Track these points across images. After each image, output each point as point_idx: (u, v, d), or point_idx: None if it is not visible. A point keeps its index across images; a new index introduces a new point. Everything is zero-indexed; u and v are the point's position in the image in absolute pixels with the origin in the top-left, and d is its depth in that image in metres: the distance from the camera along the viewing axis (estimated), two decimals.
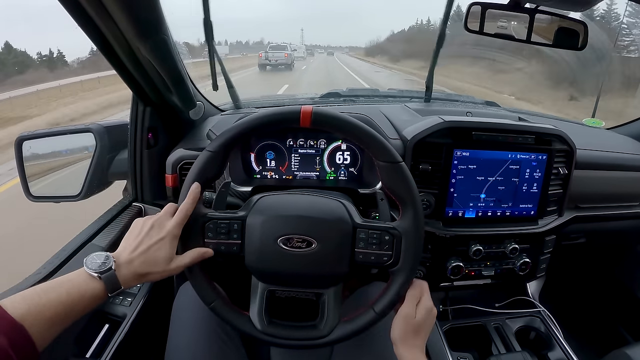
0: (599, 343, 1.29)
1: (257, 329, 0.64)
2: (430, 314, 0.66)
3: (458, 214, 0.95)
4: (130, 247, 0.57)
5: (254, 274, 0.66)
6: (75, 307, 0.49)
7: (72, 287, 0.50)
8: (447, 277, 0.99)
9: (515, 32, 0.90)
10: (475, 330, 1.05)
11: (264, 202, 0.65)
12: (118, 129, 0.97)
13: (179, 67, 0.80)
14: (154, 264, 0.57)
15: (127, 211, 0.96)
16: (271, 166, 0.98)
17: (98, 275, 0.52)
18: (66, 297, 0.48)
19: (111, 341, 0.77)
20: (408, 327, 0.63)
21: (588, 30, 0.86)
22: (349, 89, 1.45)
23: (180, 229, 0.60)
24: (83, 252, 0.80)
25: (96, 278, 0.52)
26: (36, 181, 0.94)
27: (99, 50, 0.71)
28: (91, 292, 0.51)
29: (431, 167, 0.90)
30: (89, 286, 0.51)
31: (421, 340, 0.65)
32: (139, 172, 0.96)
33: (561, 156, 0.97)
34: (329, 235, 0.62)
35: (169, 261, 0.58)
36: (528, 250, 1.02)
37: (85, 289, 0.51)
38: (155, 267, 0.57)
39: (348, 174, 1.00)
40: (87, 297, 0.51)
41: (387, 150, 0.62)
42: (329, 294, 0.65)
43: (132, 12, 0.61)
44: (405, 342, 0.63)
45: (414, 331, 0.64)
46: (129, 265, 0.56)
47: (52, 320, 0.46)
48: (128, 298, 0.84)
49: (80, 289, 0.50)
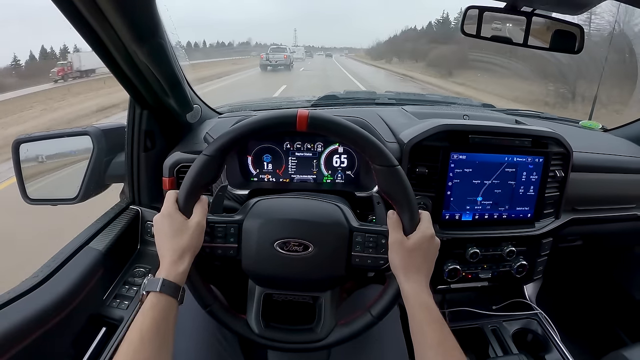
0: (596, 345, 1.29)
1: (254, 332, 0.64)
2: (431, 242, 0.62)
3: (455, 217, 0.95)
4: (164, 254, 0.60)
5: (251, 278, 0.66)
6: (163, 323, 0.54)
7: (153, 312, 0.54)
8: (444, 280, 0.99)
9: (512, 35, 0.91)
10: (473, 332, 1.06)
11: (261, 206, 0.65)
12: (115, 132, 0.97)
13: (175, 70, 0.80)
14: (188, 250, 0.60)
15: (124, 214, 0.96)
16: (268, 169, 0.99)
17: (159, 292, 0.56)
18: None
19: (108, 345, 0.77)
20: (404, 253, 0.60)
21: (584, 33, 0.86)
22: (347, 91, 1.46)
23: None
24: (80, 255, 0.80)
25: (158, 293, 0.55)
26: (33, 184, 0.94)
27: (96, 54, 0.71)
28: (164, 304, 0.55)
29: (428, 170, 0.90)
30: (161, 303, 0.55)
31: (424, 273, 0.61)
32: (136, 175, 0.96)
33: (558, 159, 0.97)
34: (326, 239, 0.62)
35: (196, 231, 0.61)
36: (525, 252, 1.02)
37: (160, 307, 0.55)
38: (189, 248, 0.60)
39: (345, 177, 1.00)
40: (165, 311, 0.55)
41: (383, 154, 0.63)
42: (325, 297, 0.65)
43: (128, 16, 0.61)
44: (406, 273, 0.60)
45: (413, 260, 0.60)
46: (174, 268, 0.58)
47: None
48: (125, 301, 0.84)
49: (157, 310, 0.55)
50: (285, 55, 20.71)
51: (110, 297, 0.85)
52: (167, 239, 0.59)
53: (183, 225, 0.60)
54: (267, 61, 20.42)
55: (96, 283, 0.79)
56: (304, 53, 37.21)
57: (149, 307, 0.54)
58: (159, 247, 0.61)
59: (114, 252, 0.86)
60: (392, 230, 0.62)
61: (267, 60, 20.45)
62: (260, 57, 21.57)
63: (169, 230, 0.59)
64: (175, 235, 0.59)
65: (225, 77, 16.11)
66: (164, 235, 0.60)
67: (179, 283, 0.57)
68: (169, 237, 0.59)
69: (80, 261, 0.78)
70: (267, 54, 20.87)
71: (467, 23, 0.91)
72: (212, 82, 12.80)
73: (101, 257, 0.81)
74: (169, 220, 0.60)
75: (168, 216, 0.60)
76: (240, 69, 22.01)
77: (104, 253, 0.82)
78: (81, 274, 0.75)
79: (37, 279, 0.71)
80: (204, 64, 24.05)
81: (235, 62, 29.20)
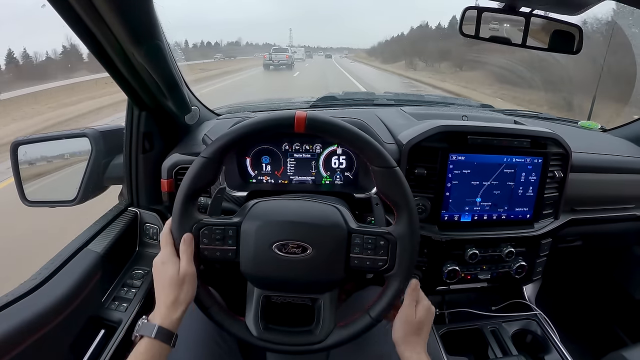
0: (596, 345, 1.29)
1: (252, 334, 0.64)
2: (429, 311, 0.68)
3: (454, 218, 0.95)
4: (160, 298, 0.61)
5: (250, 280, 0.66)
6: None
7: (146, 356, 0.56)
8: (443, 281, 0.99)
9: (510, 36, 0.91)
10: (472, 334, 1.06)
11: (259, 208, 0.65)
12: (113, 134, 0.97)
13: (173, 72, 0.80)
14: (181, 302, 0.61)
15: (123, 216, 0.96)
16: (267, 171, 0.98)
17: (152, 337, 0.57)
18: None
19: (107, 347, 0.77)
20: (409, 327, 0.65)
21: (583, 33, 0.86)
22: (345, 92, 1.46)
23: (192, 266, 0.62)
24: (79, 257, 0.80)
25: (152, 339, 0.57)
26: (31, 185, 0.94)
27: (93, 55, 0.71)
28: (157, 349, 0.57)
29: (427, 172, 0.90)
30: (154, 348, 0.57)
31: (423, 339, 0.66)
32: (135, 177, 0.96)
33: (557, 159, 0.97)
34: (324, 241, 0.62)
35: (189, 284, 0.62)
36: (524, 253, 1.02)
37: (153, 353, 0.57)
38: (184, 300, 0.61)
39: (344, 179, 1.00)
40: (158, 356, 0.57)
41: (381, 155, 0.62)
42: (324, 299, 0.65)
43: (126, 18, 0.61)
44: (408, 343, 0.64)
45: (415, 331, 0.65)
46: (169, 315, 0.60)
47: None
48: (124, 303, 0.84)
49: (150, 354, 0.56)
50: (287, 56, 21.97)
51: (109, 299, 0.84)
52: (162, 288, 0.61)
53: (175, 279, 0.61)
54: (270, 61, 21.74)
55: (95, 285, 0.79)
56: (304, 54, 37.75)
57: (142, 351, 0.56)
58: (156, 288, 0.62)
59: (113, 254, 0.86)
60: (407, 302, 0.66)
61: (270, 60, 21.76)
62: (263, 57, 23.06)
63: (164, 281, 0.61)
64: (169, 286, 0.60)
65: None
66: (160, 282, 0.62)
67: (173, 330, 0.59)
68: (164, 287, 0.61)
69: (78, 263, 0.78)
70: (269, 54, 22.24)
71: (465, 24, 0.91)
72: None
73: (100, 259, 0.81)
74: (163, 270, 0.61)
75: (161, 264, 0.62)
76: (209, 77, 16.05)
77: (102, 255, 0.82)
78: (80, 276, 0.75)
79: (36, 281, 0.71)
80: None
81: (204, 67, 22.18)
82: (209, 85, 11.31)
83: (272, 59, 21.70)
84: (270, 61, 21.69)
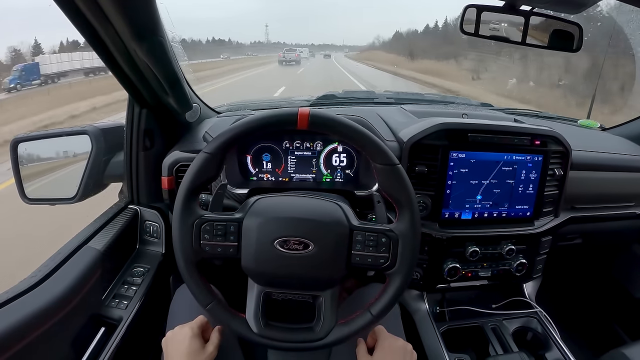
0: (596, 343, 1.29)
1: (253, 331, 0.64)
2: (406, 349, 0.67)
3: (454, 216, 0.95)
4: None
5: (251, 276, 0.66)
6: None
7: None
8: (444, 279, 0.99)
9: (510, 34, 0.91)
10: (473, 331, 1.05)
11: (261, 204, 0.65)
12: (114, 131, 0.97)
13: (175, 69, 0.79)
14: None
15: (123, 213, 0.96)
16: (267, 168, 0.98)
17: None
18: None
19: (107, 344, 0.76)
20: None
21: (583, 32, 0.87)
22: (345, 91, 1.46)
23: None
24: (79, 255, 0.80)
25: None
26: (31, 183, 0.93)
27: (95, 51, 0.71)
28: None
29: (427, 169, 0.90)
30: None
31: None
32: (135, 175, 0.96)
33: (557, 157, 0.97)
34: (326, 238, 0.62)
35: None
36: (524, 251, 1.02)
37: None
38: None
39: (344, 176, 1.00)
40: None
41: (384, 152, 0.62)
42: (325, 296, 0.65)
43: (128, 14, 0.61)
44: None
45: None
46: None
47: None
48: (124, 301, 0.84)
49: None
50: (297, 54, 30.37)
51: (110, 296, 0.84)
52: (181, 356, 0.62)
53: (199, 354, 0.63)
54: (283, 58, 29.53)
55: (95, 282, 0.79)
56: (308, 53, 46.93)
57: None
58: (172, 356, 0.63)
59: (113, 251, 0.86)
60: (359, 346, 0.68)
61: (283, 58, 29.57)
62: (278, 56, 31.67)
63: (186, 350, 0.62)
64: (189, 357, 0.62)
65: None
66: (179, 351, 0.63)
67: None
68: (184, 355, 0.62)
69: (79, 261, 0.78)
70: (283, 53, 30.42)
71: (466, 22, 0.91)
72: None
73: (100, 256, 0.81)
74: (190, 342, 0.63)
75: (192, 337, 0.64)
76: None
77: (102, 252, 0.82)
78: (80, 274, 0.75)
79: (36, 278, 0.71)
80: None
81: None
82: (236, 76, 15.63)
83: (285, 57, 29.40)
84: (283, 59, 29.34)
